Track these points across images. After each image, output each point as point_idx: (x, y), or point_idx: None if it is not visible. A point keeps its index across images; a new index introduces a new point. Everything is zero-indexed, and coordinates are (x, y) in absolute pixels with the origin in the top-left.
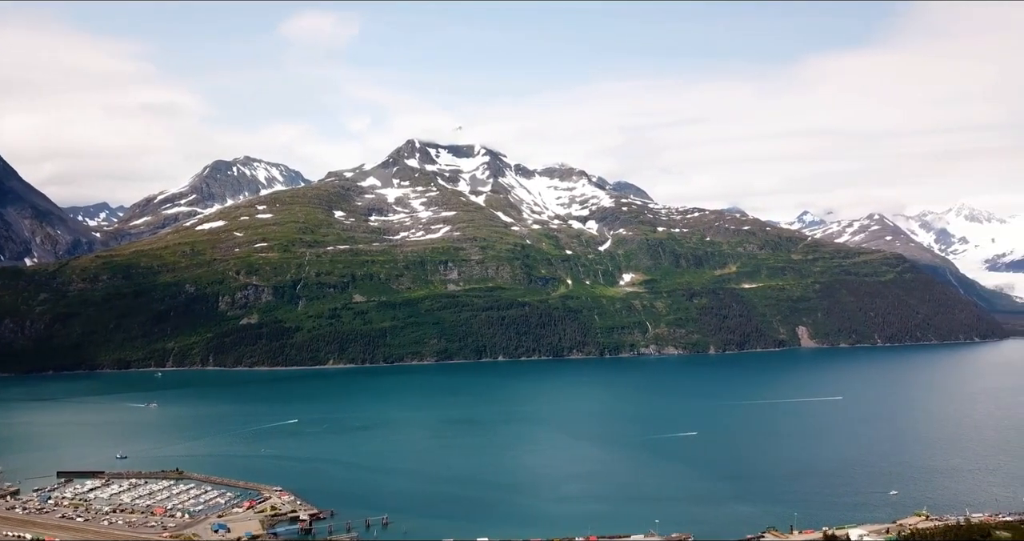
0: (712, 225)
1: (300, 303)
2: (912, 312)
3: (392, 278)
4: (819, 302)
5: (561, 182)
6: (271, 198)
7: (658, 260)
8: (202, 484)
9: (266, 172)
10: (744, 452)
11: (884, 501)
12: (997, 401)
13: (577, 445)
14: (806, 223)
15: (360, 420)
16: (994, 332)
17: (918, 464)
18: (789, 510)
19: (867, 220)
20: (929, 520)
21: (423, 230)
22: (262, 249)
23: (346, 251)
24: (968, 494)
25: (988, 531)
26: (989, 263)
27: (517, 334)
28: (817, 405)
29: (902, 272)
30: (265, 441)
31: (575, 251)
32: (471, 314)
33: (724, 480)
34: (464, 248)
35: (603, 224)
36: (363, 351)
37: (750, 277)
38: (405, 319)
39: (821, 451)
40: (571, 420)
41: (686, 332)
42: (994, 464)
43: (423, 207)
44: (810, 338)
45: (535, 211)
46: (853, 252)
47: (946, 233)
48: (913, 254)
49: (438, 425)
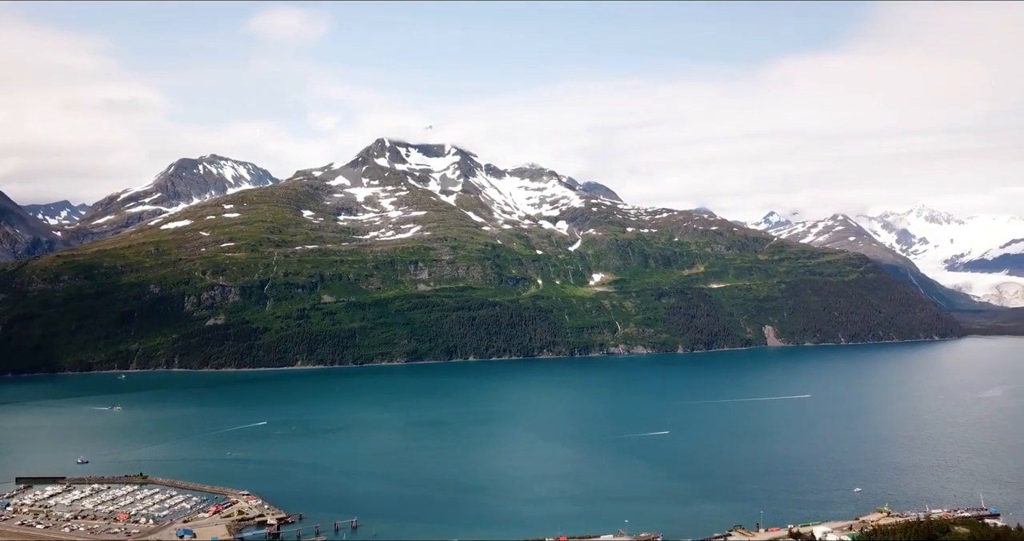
0: (680, 225)
1: (268, 303)
2: (874, 311)
3: (361, 278)
4: (785, 302)
5: (532, 182)
6: (238, 197)
7: (627, 260)
8: (167, 489)
9: (233, 171)
10: (713, 451)
11: (848, 498)
12: (955, 399)
13: (548, 445)
14: (772, 224)
15: (329, 422)
16: (952, 331)
17: (881, 461)
18: (756, 508)
19: (831, 221)
20: (890, 516)
21: (393, 230)
22: (229, 249)
23: (315, 251)
24: (928, 490)
25: (947, 527)
26: (948, 263)
27: (488, 334)
28: (785, 403)
29: (865, 272)
30: (233, 444)
31: (546, 251)
32: (441, 314)
33: (693, 479)
34: (434, 248)
35: (573, 224)
36: (332, 352)
37: (717, 277)
38: (375, 319)
39: (788, 449)
40: (542, 420)
41: (655, 332)
42: (953, 461)
43: (393, 207)
44: (776, 337)
45: (506, 211)
46: (818, 252)
47: (907, 234)
48: (875, 254)
49: (408, 426)
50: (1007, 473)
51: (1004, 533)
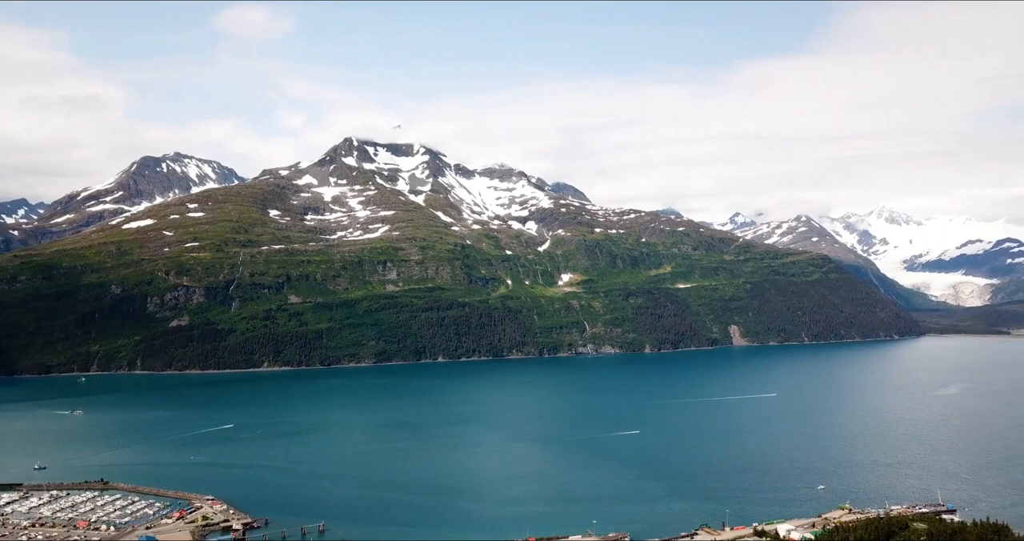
0: (648, 226)
1: (233, 304)
2: (836, 311)
3: (329, 278)
4: (750, 302)
5: (501, 182)
6: (203, 196)
7: (595, 260)
8: (129, 495)
9: (197, 169)
10: (682, 450)
11: (811, 496)
12: (913, 397)
13: (518, 446)
14: (738, 224)
15: (296, 424)
16: (911, 330)
17: (842, 459)
18: (722, 507)
19: (795, 222)
20: (851, 513)
21: (361, 229)
22: (193, 249)
23: (281, 251)
24: (887, 487)
25: (905, 523)
26: (907, 263)
27: (457, 335)
28: (753, 402)
29: (827, 272)
30: (198, 448)
31: (515, 251)
32: (410, 315)
33: (661, 478)
34: (403, 248)
35: (542, 225)
36: (299, 353)
37: (684, 277)
38: (342, 320)
39: (755, 448)
40: (512, 421)
41: (622, 331)
42: (911, 458)
43: (361, 206)
44: (741, 337)
45: (475, 211)
46: (782, 253)
47: (868, 234)
48: (837, 255)
49: (376, 428)
50: (963, 470)
51: (960, 529)
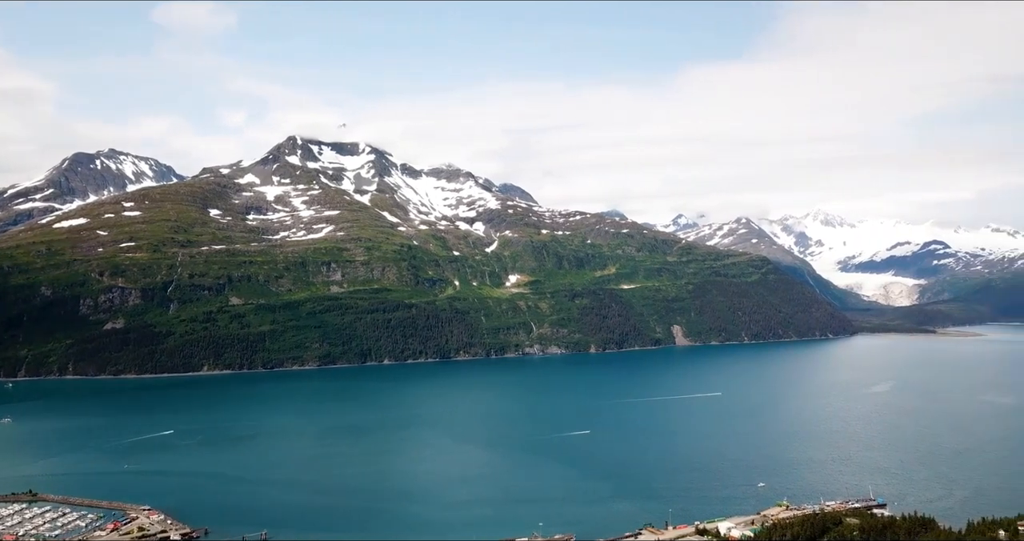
0: (593, 228)
1: (172, 306)
2: (775, 311)
3: (271, 280)
4: (692, 302)
5: (448, 183)
6: (139, 194)
7: (542, 262)
8: (59, 506)
9: (134, 166)
10: (628, 449)
11: (751, 493)
12: (847, 395)
13: (466, 449)
14: (681, 226)
15: (238, 429)
16: (845, 329)
17: (781, 457)
18: (666, 506)
19: (735, 224)
20: (789, 510)
21: (305, 230)
22: (129, 249)
23: (222, 251)
24: (823, 484)
25: (839, 519)
26: (841, 264)
27: (403, 336)
28: (700, 401)
29: (766, 273)
30: (134, 455)
31: (462, 252)
32: (355, 316)
33: (607, 479)
34: (348, 248)
35: (490, 225)
36: (240, 356)
37: (628, 278)
38: (285, 322)
39: (699, 446)
40: (460, 423)
41: (568, 332)
42: (845, 454)
43: (305, 206)
44: (684, 336)
45: (422, 212)
46: (723, 254)
47: (804, 236)
48: (776, 256)
49: (321, 433)
50: (893, 465)
51: (890, 523)
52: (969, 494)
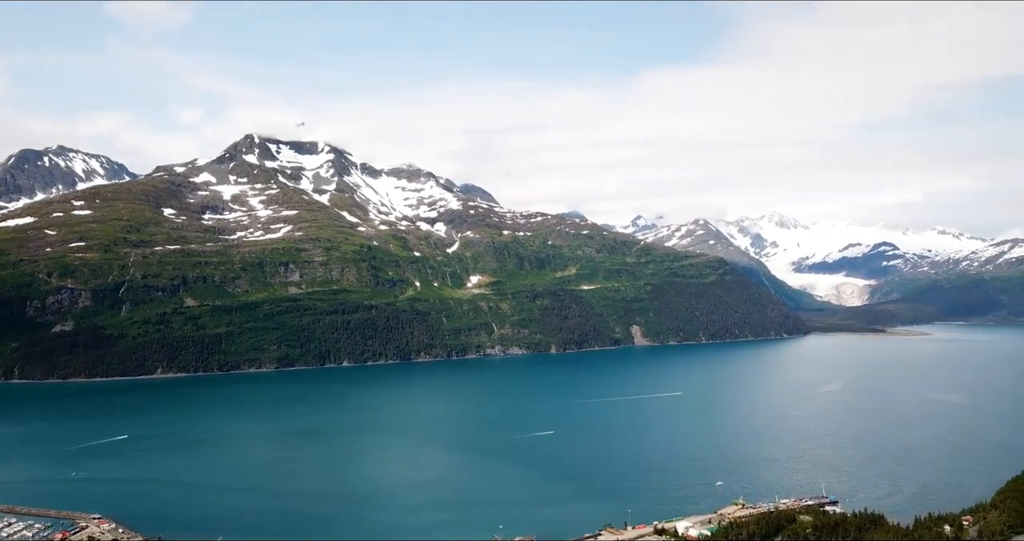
0: (554, 229)
1: (124, 308)
2: (731, 311)
3: (228, 280)
4: (650, 302)
5: (409, 183)
6: (90, 193)
7: (503, 262)
8: (5, 515)
9: (84, 164)
10: (589, 450)
11: (709, 492)
12: (800, 393)
13: (427, 451)
14: (639, 227)
15: (193, 434)
16: (799, 328)
17: (738, 455)
18: (625, 506)
19: (693, 225)
20: (744, 508)
21: (262, 230)
22: (79, 249)
23: (176, 251)
24: (778, 482)
25: (793, 517)
26: (795, 265)
27: (363, 338)
28: (662, 401)
29: (723, 274)
30: (85, 462)
31: (423, 253)
32: (314, 318)
33: (568, 480)
34: (307, 249)
35: (451, 226)
36: (196, 359)
37: (588, 279)
38: (242, 324)
39: (659, 446)
40: (421, 425)
41: (529, 332)
42: (799, 453)
43: (262, 205)
44: (643, 337)
45: (382, 212)
46: (681, 255)
47: (760, 238)
48: (732, 257)
49: (279, 436)
50: (845, 462)
51: (841, 520)
52: (916, 490)
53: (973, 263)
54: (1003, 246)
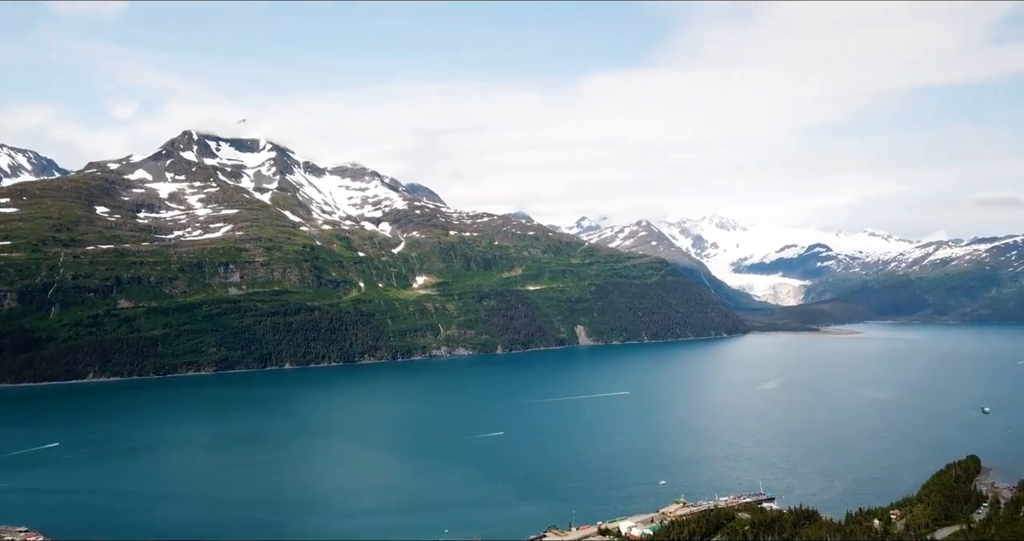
0: (500, 229)
1: (53, 310)
2: (673, 311)
3: (164, 281)
4: (595, 303)
5: (353, 182)
6: (16, 189)
7: (450, 263)
8: None
9: (9, 159)
10: (537, 451)
11: (652, 491)
12: (739, 392)
13: (372, 455)
14: (584, 228)
15: (128, 441)
16: (738, 328)
17: (680, 454)
18: (570, 507)
19: (636, 226)
20: (685, 507)
21: (201, 229)
22: (4, 248)
23: (110, 251)
24: (717, 480)
25: (732, 514)
26: (734, 266)
27: (306, 340)
28: (610, 401)
29: (665, 275)
30: (12, 471)
31: (368, 253)
32: (255, 319)
33: (514, 481)
34: (247, 249)
35: (396, 226)
36: (130, 362)
37: (534, 279)
38: (179, 326)
39: (605, 446)
40: (366, 429)
41: (476, 333)
42: (738, 451)
43: (201, 204)
44: (587, 336)
45: (326, 211)
46: (624, 256)
47: (701, 239)
48: (674, 258)
49: (219, 442)
50: (781, 459)
51: (778, 516)
52: (848, 486)
53: (901, 264)
54: (928, 248)
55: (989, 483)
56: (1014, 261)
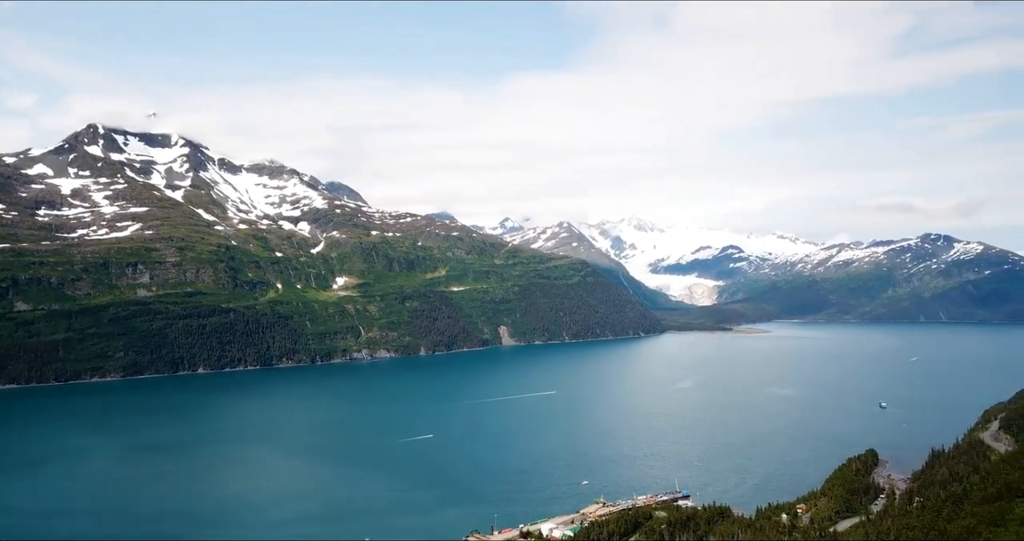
0: (424, 230)
1: None
2: (593, 311)
3: (67, 282)
4: (517, 303)
5: (271, 180)
6: None
7: (372, 264)
8: None
9: None
10: (462, 454)
11: (573, 492)
12: (656, 391)
13: (291, 463)
14: (507, 229)
15: (26, 453)
16: (655, 327)
17: (599, 453)
18: (492, 511)
19: (557, 228)
20: (605, 506)
21: (107, 227)
22: None
23: (6, 250)
24: (635, 479)
25: (650, 513)
26: (652, 266)
27: (220, 343)
28: (536, 400)
29: (585, 276)
30: None
31: (286, 253)
32: (166, 322)
33: (437, 486)
34: (158, 248)
35: (316, 226)
36: (28, 369)
37: (458, 280)
38: (83, 330)
39: (528, 447)
40: (287, 435)
41: (398, 335)
42: (654, 450)
43: (107, 201)
44: (510, 337)
45: (242, 210)
46: (546, 258)
47: (620, 240)
48: (594, 259)
49: (125, 453)
50: (695, 457)
51: (693, 514)
52: (758, 481)
53: (807, 266)
54: (831, 250)
55: (886, 475)
56: (908, 263)
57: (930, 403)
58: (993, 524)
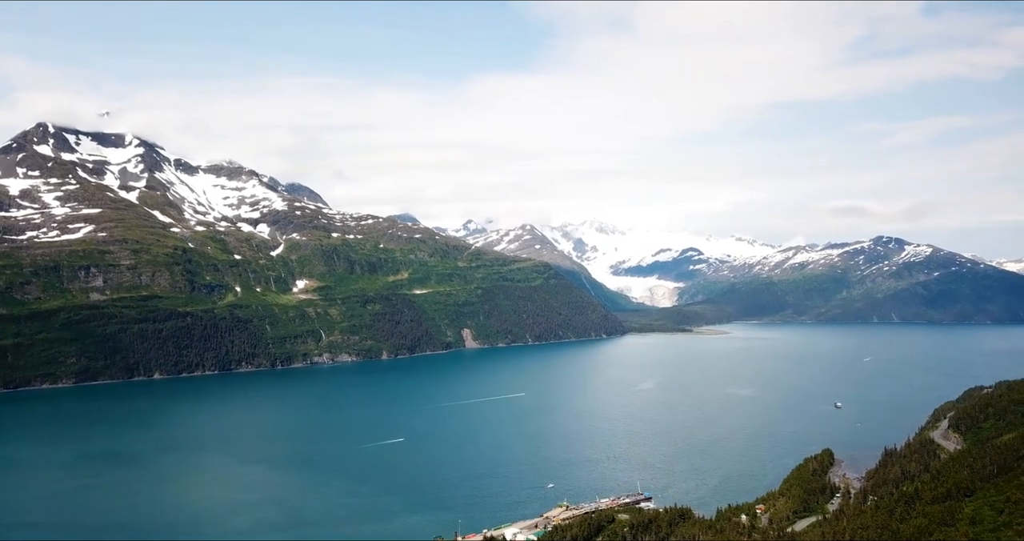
0: (385, 232)
1: None
2: (555, 313)
3: (16, 286)
4: (481, 306)
5: (229, 181)
6: None
7: (333, 266)
8: None
9: None
10: (427, 458)
11: (537, 496)
12: (618, 392)
13: (251, 470)
14: (470, 231)
15: None
16: (617, 329)
17: (562, 457)
18: (456, 516)
19: (520, 230)
20: (568, 510)
21: (58, 229)
22: None
23: None
24: (598, 482)
25: (612, 516)
26: (613, 268)
27: (177, 348)
28: (506, 403)
29: (548, 278)
30: None
31: (245, 256)
32: (120, 327)
33: (401, 492)
34: (112, 251)
35: (275, 228)
36: None
37: (421, 283)
38: (33, 335)
39: (493, 450)
40: (246, 442)
41: (360, 338)
42: (617, 452)
43: (58, 203)
44: (474, 339)
45: (199, 211)
46: (509, 260)
47: (582, 243)
48: (556, 261)
49: (77, 462)
50: (657, 459)
51: (655, 516)
52: (718, 482)
53: (764, 268)
54: (788, 252)
55: (841, 474)
56: (862, 265)
57: (883, 402)
58: (944, 524)
